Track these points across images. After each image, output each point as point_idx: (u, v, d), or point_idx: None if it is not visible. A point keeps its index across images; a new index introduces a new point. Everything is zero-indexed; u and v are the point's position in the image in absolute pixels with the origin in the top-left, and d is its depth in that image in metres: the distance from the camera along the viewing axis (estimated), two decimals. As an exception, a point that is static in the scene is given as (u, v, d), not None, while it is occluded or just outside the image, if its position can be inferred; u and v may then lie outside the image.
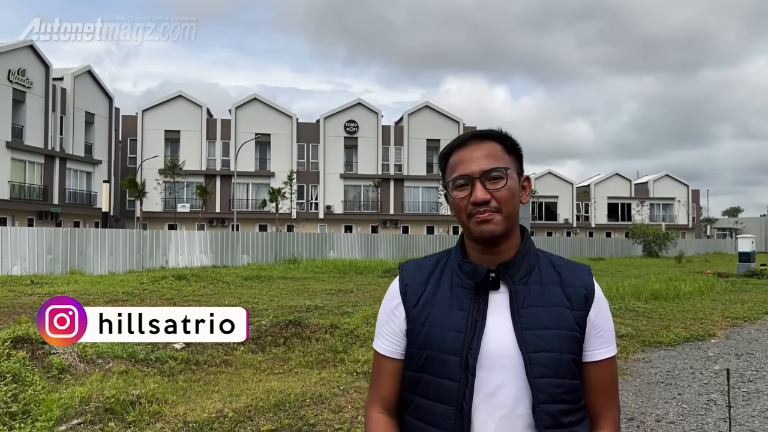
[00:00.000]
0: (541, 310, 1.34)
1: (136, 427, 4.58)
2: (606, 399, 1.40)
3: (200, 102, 48.19)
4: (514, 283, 1.36)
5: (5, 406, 4.79)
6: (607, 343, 1.39)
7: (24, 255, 19.24)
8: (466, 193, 1.36)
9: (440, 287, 1.41)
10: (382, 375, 1.45)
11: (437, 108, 52.16)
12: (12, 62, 34.97)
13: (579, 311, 1.35)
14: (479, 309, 1.35)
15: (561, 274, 1.39)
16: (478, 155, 1.37)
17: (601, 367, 1.38)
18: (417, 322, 1.39)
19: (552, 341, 1.31)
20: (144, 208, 43.74)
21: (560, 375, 1.31)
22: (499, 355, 1.32)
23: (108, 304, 11.89)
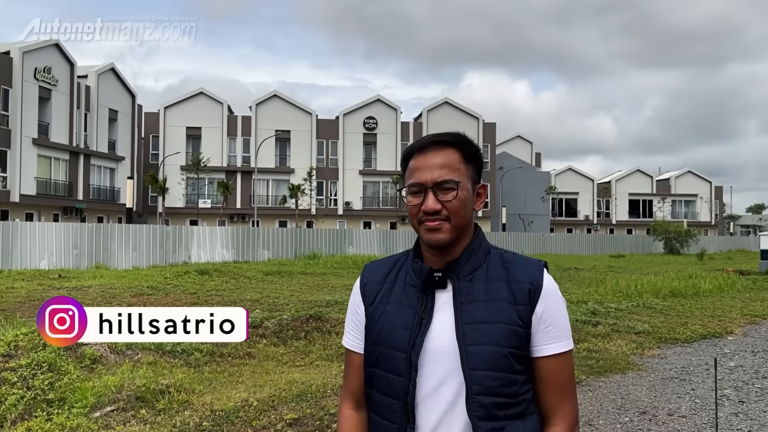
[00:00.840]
0: (481, 305, 1.37)
1: (165, 414, 4.81)
2: (558, 395, 1.39)
3: (221, 99, 48.70)
4: (459, 280, 1.40)
5: (43, 393, 5.05)
6: (557, 338, 1.38)
7: (51, 249, 19.73)
8: (419, 200, 1.40)
9: (395, 286, 1.46)
10: (351, 369, 1.53)
11: (457, 104, 52.10)
12: (38, 61, 35.70)
13: (522, 306, 1.37)
14: (426, 307, 1.39)
15: (509, 270, 1.41)
16: (433, 164, 1.40)
17: (550, 362, 1.38)
18: (372, 320, 1.46)
19: (490, 334, 1.34)
20: (166, 204, 44.35)
21: (496, 368, 1.33)
22: (441, 351, 1.35)
23: (133, 298, 12.22)
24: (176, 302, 11.74)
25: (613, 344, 8.27)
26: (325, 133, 49.59)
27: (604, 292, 13.77)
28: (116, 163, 42.59)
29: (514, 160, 55.58)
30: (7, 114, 33.96)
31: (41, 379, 5.21)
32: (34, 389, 5.05)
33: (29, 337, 5.84)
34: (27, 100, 34.86)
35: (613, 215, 60.23)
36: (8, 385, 5.02)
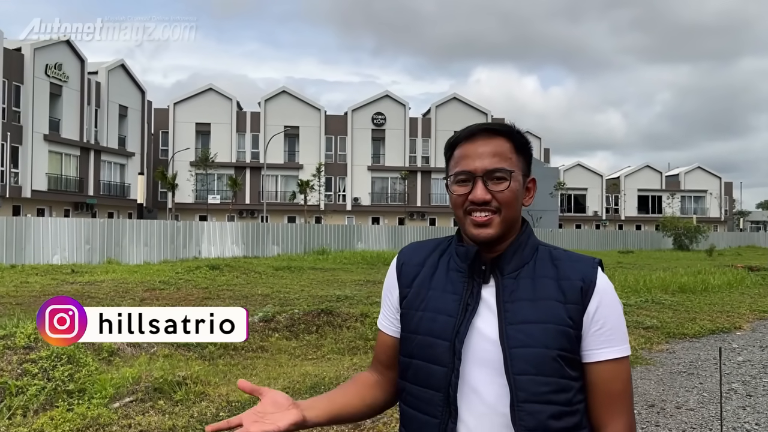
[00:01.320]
0: (527, 304, 1.25)
1: (183, 405, 4.92)
2: (609, 407, 1.26)
3: (230, 95, 48.89)
4: (503, 277, 1.28)
5: (63, 384, 5.18)
6: (610, 343, 1.25)
7: (63, 245, 19.95)
8: (467, 189, 1.29)
9: (437, 271, 1.36)
10: (379, 346, 1.46)
11: (465, 100, 52.06)
12: (49, 57, 35.98)
13: (574, 305, 1.24)
14: (472, 293, 1.29)
15: (558, 267, 1.29)
16: (483, 152, 1.30)
17: (601, 369, 1.24)
18: (410, 306, 1.36)
19: (537, 336, 1.22)
20: (176, 200, 44.62)
21: (545, 372, 1.20)
22: (482, 349, 1.25)
23: (146, 293, 12.38)
24: (188, 297, 11.89)
25: (621, 339, 8.32)
26: (334, 129, 49.70)
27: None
28: (126, 158, 42.88)
29: (523, 156, 55.44)
30: (19, 110, 34.27)
31: (61, 370, 5.33)
32: (55, 380, 5.17)
33: (48, 330, 5.97)
34: (38, 96, 35.16)
35: (622, 211, 60.06)
36: (29, 376, 5.15)
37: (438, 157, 50.51)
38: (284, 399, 1.27)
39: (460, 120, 50.76)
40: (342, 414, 1.36)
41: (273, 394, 1.28)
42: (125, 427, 4.45)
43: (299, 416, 1.24)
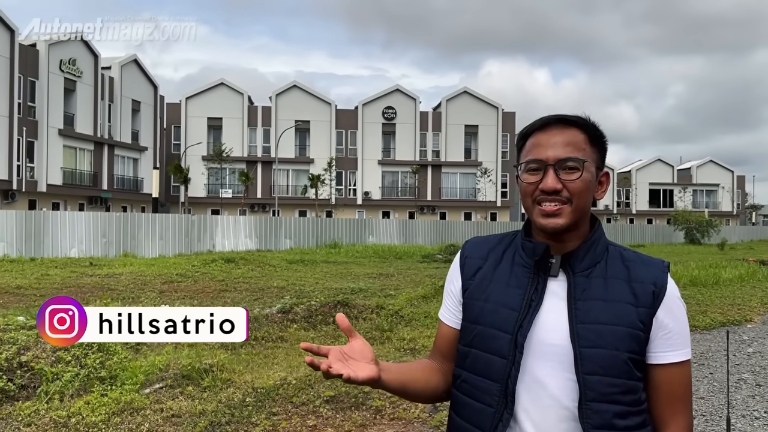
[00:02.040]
0: (599, 304, 1.26)
1: (210, 391, 5.14)
2: (671, 407, 1.29)
3: (241, 89, 49.12)
4: (575, 274, 1.29)
5: (95, 371, 5.41)
6: (676, 346, 1.28)
7: (81, 238, 20.28)
8: (537, 178, 1.29)
9: (501, 264, 1.37)
10: (439, 336, 1.48)
11: (476, 93, 52.00)
12: (63, 53, 36.33)
13: (645, 308, 1.26)
14: (537, 290, 1.30)
15: (630, 268, 1.30)
16: (556, 141, 1.30)
17: (667, 371, 1.28)
18: (473, 297, 1.38)
19: (608, 337, 1.23)
20: (188, 194, 45.00)
21: (614, 374, 1.23)
22: (549, 344, 1.26)
23: (164, 285, 12.63)
24: (206, 289, 12.13)
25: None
26: (344, 123, 49.83)
27: (624, 281, 13.91)
28: (139, 153, 43.25)
29: (533, 150, 55.39)
30: (34, 105, 34.66)
31: (92, 358, 5.56)
32: (87, 367, 5.40)
33: (78, 320, 6.20)
34: (53, 91, 35.53)
35: (633, 205, 59.86)
36: (63, 363, 5.38)
37: (449, 151, 50.54)
38: (369, 352, 1.28)
39: (471, 113, 50.74)
40: (409, 388, 1.37)
41: (362, 343, 1.29)
42: (157, 411, 4.67)
43: (376, 373, 1.25)
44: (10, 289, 11.84)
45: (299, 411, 4.74)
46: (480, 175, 47.74)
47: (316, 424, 4.47)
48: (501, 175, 50.78)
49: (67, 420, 4.41)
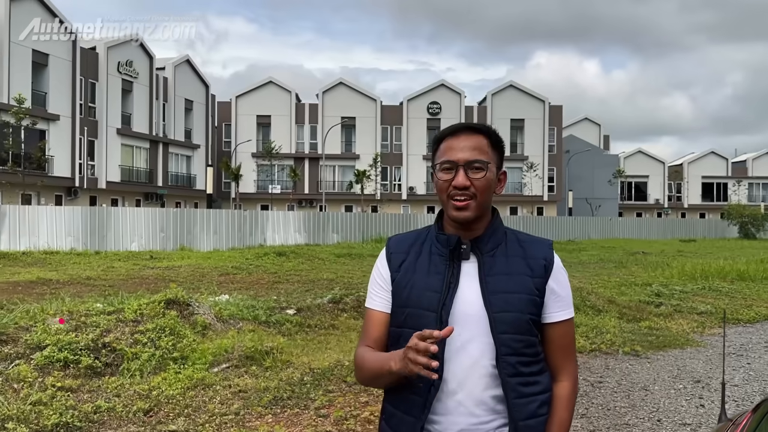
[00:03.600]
0: (504, 278, 1.52)
1: (272, 371, 5.65)
2: (564, 355, 1.59)
3: (289, 87, 50.15)
4: (483, 255, 1.55)
5: (168, 352, 5.99)
6: (564, 307, 1.58)
7: (140, 233, 21.35)
8: (450, 176, 1.53)
9: (421, 255, 1.60)
10: (372, 324, 1.63)
11: (522, 87, 51.67)
12: (121, 55, 37.91)
13: (539, 278, 1.54)
14: (453, 273, 1.54)
15: (525, 248, 1.58)
16: (465, 145, 1.54)
17: (558, 327, 1.57)
18: (400, 285, 1.58)
19: (513, 303, 1.50)
20: (239, 190, 46.31)
21: (520, 332, 1.50)
22: (468, 314, 1.50)
23: (221, 277, 13.34)
24: (260, 281, 12.77)
25: (674, 323, 8.64)
26: (390, 119, 50.29)
27: (669, 276, 13.93)
28: (192, 150, 44.74)
29: (582, 143, 54.67)
30: (94, 106, 36.32)
31: (165, 340, 6.15)
32: (161, 349, 5.99)
33: (150, 307, 6.83)
34: (111, 92, 37.15)
35: (685, 199, 58.43)
36: (140, 345, 5.99)
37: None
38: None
39: (517, 107, 50.45)
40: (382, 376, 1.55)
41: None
42: (226, 387, 5.20)
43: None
44: (81, 279, 12.73)
45: (352, 389, 5.20)
46: (526, 169, 47.44)
47: (367, 401, 4.92)
48: (548, 170, 50.36)
49: (149, 392, 4.99)
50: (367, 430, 4.33)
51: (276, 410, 4.70)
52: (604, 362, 6.54)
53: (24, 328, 6.22)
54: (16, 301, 8.78)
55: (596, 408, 5.06)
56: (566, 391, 1.58)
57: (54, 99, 33.06)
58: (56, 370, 5.37)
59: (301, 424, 4.46)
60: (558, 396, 1.57)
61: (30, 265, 15.69)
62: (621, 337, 7.50)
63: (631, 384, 5.74)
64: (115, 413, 4.53)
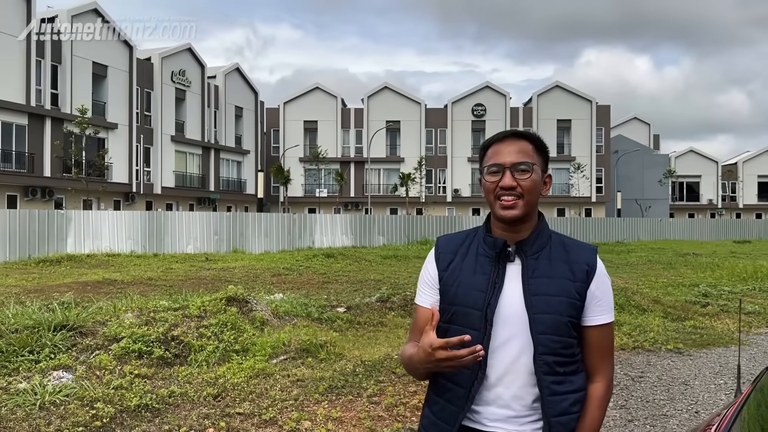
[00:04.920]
0: (546, 281, 1.59)
1: (326, 362, 6.06)
2: (601, 357, 1.65)
3: (335, 93, 51.01)
4: (527, 258, 1.61)
5: (230, 345, 6.47)
6: (605, 311, 1.64)
7: (195, 236, 22.25)
8: (497, 178, 1.61)
9: (467, 256, 1.67)
10: (420, 320, 1.71)
11: (568, 87, 51.16)
12: (174, 64, 39.39)
13: (580, 283, 1.60)
14: (498, 274, 1.61)
15: (569, 252, 1.65)
16: (511, 150, 1.63)
17: (597, 330, 1.63)
18: (447, 284, 1.67)
19: (553, 305, 1.57)
20: (287, 194, 47.36)
21: (558, 333, 1.57)
22: (510, 314, 1.58)
23: (273, 278, 13.89)
24: (310, 281, 13.26)
25: (720, 322, 8.68)
26: (434, 122, 50.55)
27: (719, 277, 13.79)
28: (242, 156, 46.02)
29: (630, 143, 53.72)
30: (150, 114, 37.83)
31: (228, 334, 6.64)
32: (224, 342, 6.48)
33: (213, 303, 7.34)
34: (165, 101, 38.64)
35: (740, 199, 56.63)
36: (205, 338, 6.49)
37: (540, 146, 49.93)
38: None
39: (563, 108, 49.97)
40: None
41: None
42: (285, 376, 5.63)
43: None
44: (144, 280, 13.47)
45: (401, 380, 5.56)
46: (573, 170, 46.93)
47: (416, 390, 5.27)
48: (596, 170, 49.67)
49: (216, 380, 5.46)
50: (416, 416, 4.69)
51: (331, 397, 5.09)
52: (646, 359, 6.71)
53: (100, 322, 6.80)
54: (89, 298, 9.47)
55: (635, 400, 5.28)
56: (600, 392, 1.64)
57: (112, 108, 34.62)
58: (132, 359, 5.90)
59: (355, 409, 4.84)
60: (592, 396, 1.64)
61: (95, 267, 16.62)
62: (664, 336, 7.63)
63: (671, 379, 5.92)
64: (187, 397, 5.01)
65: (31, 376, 5.34)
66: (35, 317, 6.55)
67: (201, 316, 7.09)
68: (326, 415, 4.68)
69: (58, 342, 6.03)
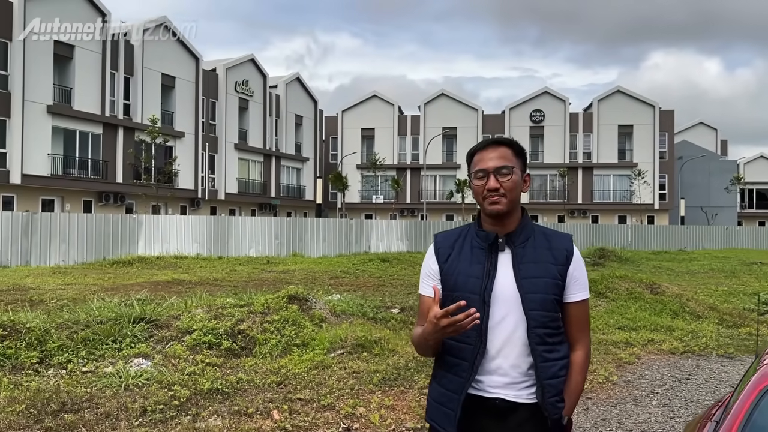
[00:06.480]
0: (533, 266, 1.86)
1: (380, 357, 6.44)
2: (579, 329, 1.93)
3: (392, 100, 51.64)
4: (515, 247, 1.87)
5: (292, 340, 6.94)
6: (581, 289, 1.92)
7: (257, 240, 23.12)
8: (483, 182, 1.88)
9: (464, 249, 1.93)
10: (423, 307, 1.95)
11: (629, 92, 50.05)
12: (238, 75, 40.88)
13: (561, 266, 1.88)
14: (491, 263, 1.87)
15: (550, 240, 1.92)
16: (493, 156, 1.89)
17: (576, 306, 1.92)
18: (448, 274, 1.91)
19: (541, 286, 1.84)
20: (345, 200, 48.22)
21: (546, 309, 1.84)
22: (504, 296, 1.84)
23: (331, 280, 14.40)
24: (366, 284, 13.70)
25: (777, 330, 8.57)
26: (491, 128, 50.37)
27: (784, 286, 13.43)
28: (302, 163, 47.20)
29: (696, 149, 52.02)
30: (215, 123, 39.36)
31: (289, 329, 7.11)
32: (286, 336, 6.95)
33: (275, 301, 7.84)
34: (229, 110, 40.13)
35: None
36: (269, 333, 6.97)
37: (601, 152, 49.08)
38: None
39: (625, 113, 48.89)
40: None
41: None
42: (342, 368, 6.04)
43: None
44: (210, 280, 14.23)
45: (451, 375, 5.87)
46: (635, 176, 45.80)
47: (464, 384, 5.57)
48: (659, 177, 48.35)
49: (278, 370, 5.92)
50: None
51: (385, 388, 5.46)
52: (695, 362, 6.78)
53: (174, 316, 7.39)
54: (162, 296, 10.18)
55: (679, 400, 5.41)
56: (580, 359, 1.94)
57: (180, 117, 36.23)
58: (203, 350, 6.44)
59: (407, 399, 5.19)
60: (574, 362, 1.93)
61: (164, 268, 17.58)
62: (717, 341, 7.64)
63: (719, 382, 6.00)
64: (253, 384, 5.48)
65: (115, 362, 5.95)
66: (117, 311, 7.22)
67: (264, 313, 7.59)
68: (379, 402, 5.05)
69: (137, 333, 6.65)
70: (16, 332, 6.13)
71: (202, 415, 4.69)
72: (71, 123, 29.77)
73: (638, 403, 5.34)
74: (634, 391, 5.67)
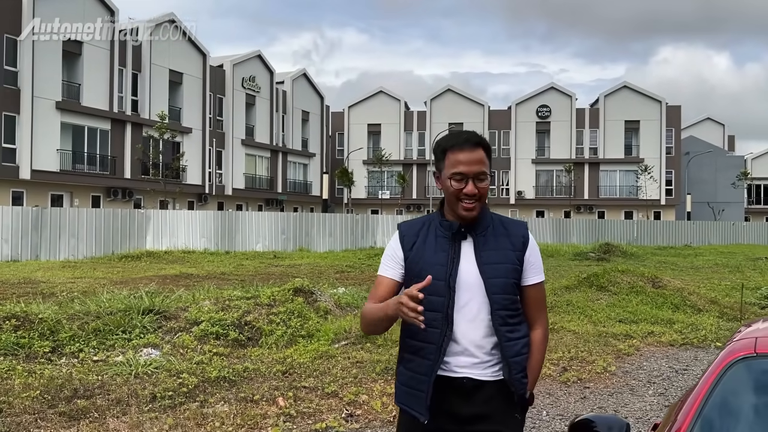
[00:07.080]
0: (494, 252, 1.98)
1: (383, 347, 6.58)
2: (537, 310, 2.07)
3: (398, 96, 51.71)
4: (477, 235, 1.99)
5: (297, 331, 7.09)
6: (537, 273, 2.05)
7: (264, 234, 23.32)
8: (462, 186, 1.94)
9: (428, 238, 2.02)
10: (382, 287, 2.03)
11: (636, 87, 49.91)
12: (245, 71, 41.05)
13: (518, 252, 2.01)
14: (455, 251, 1.98)
15: (507, 228, 2.04)
16: (472, 159, 1.96)
17: (533, 288, 2.05)
18: (413, 261, 2.00)
19: (501, 271, 1.96)
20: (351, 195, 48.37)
21: (507, 292, 1.97)
22: (468, 281, 1.95)
23: (336, 274, 14.56)
24: (371, 278, 13.83)
25: (777, 324, 8.66)
26: (497, 124, 50.37)
27: (787, 281, 13.48)
28: (308, 159, 47.40)
29: (702, 144, 51.85)
30: (222, 119, 39.57)
31: (295, 321, 7.27)
32: (292, 327, 7.11)
33: (281, 294, 7.99)
34: (236, 106, 40.32)
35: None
36: (275, 324, 7.13)
37: (607, 148, 48.99)
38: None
39: (632, 109, 48.77)
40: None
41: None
42: (346, 358, 6.19)
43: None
44: (217, 274, 14.43)
45: (452, 365, 6.01)
46: (641, 172, 45.65)
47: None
48: (665, 173, 48.22)
49: (284, 359, 6.07)
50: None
51: (387, 377, 5.60)
52: (693, 354, 6.89)
53: (182, 308, 7.56)
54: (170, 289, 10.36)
55: (675, 389, 5.54)
56: (539, 337, 2.08)
57: (187, 113, 36.43)
58: (211, 340, 6.60)
59: (408, 387, 5.33)
60: (534, 340, 2.07)
61: (172, 262, 17.80)
62: (716, 334, 7.73)
63: (715, 373, 6.10)
64: (260, 372, 5.63)
65: (125, 351, 6.12)
66: (126, 302, 7.39)
67: (271, 305, 7.75)
68: (381, 390, 5.20)
69: (146, 324, 6.82)
70: (29, 323, 6.31)
71: (210, 401, 4.85)
72: (80, 119, 30.03)
73: (635, 392, 5.47)
74: (631, 381, 5.79)
